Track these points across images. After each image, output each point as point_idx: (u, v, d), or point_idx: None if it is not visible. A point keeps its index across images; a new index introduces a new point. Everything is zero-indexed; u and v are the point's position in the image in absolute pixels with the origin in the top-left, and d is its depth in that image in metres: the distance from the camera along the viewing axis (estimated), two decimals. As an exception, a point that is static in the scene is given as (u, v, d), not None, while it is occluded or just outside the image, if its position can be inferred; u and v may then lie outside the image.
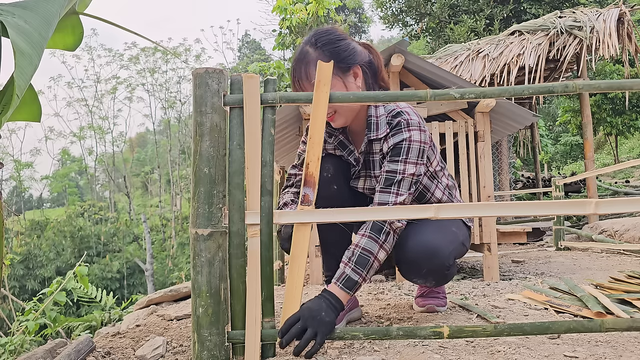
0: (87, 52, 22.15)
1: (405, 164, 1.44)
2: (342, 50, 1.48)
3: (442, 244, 1.45)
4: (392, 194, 1.43)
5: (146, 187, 28.14)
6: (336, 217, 1.26)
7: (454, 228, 1.56)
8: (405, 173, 1.44)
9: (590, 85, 1.27)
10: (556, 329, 1.19)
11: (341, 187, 1.59)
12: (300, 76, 1.46)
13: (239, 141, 1.25)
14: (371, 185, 1.60)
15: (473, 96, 1.27)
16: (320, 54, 1.46)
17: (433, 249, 1.42)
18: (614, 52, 5.72)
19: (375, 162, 1.56)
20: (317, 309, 1.25)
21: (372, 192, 1.59)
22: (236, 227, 1.22)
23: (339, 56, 1.47)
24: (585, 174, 4.70)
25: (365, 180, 1.61)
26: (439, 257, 1.43)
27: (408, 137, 1.46)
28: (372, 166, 1.57)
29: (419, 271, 1.46)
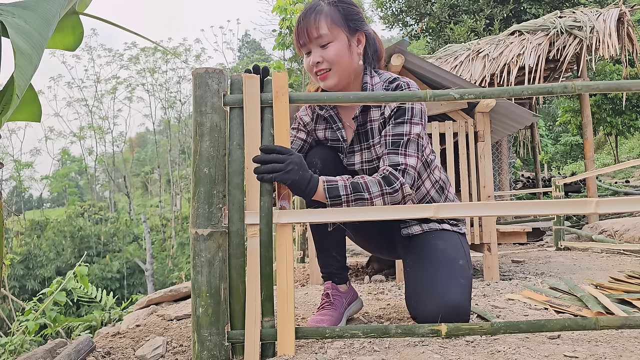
0: (87, 52, 22.17)
1: (410, 125, 1.43)
2: (353, 12, 1.50)
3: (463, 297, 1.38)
4: (400, 155, 1.40)
5: (146, 187, 28.15)
6: (336, 217, 1.26)
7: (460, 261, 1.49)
8: (411, 134, 1.42)
9: (589, 86, 1.27)
10: (552, 326, 1.19)
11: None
12: (309, 24, 1.44)
13: (239, 141, 1.25)
14: (369, 157, 1.54)
15: (473, 96, 1.27)
16: (333, 9, 1.46)
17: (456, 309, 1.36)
18: (614, 52, 5.72)
19: (374, 130, 1.52)
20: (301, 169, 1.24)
21: (370, 165, 1.54)
22: (236, 227, 1.22)
23: (350, 16, 1.48)
24: (585, 174, 4.70)
25: (362, 153, 1.56)
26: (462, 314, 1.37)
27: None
28: (372, 134, 1.53)
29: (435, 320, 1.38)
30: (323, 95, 1.32)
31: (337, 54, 1.45)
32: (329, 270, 1.65)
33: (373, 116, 1.52)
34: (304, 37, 1.46)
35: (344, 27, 1.46)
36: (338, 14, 1.46)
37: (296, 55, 8.28)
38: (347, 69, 1.48)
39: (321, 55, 1.45)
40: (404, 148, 1.41)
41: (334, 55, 1.44)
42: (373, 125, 1.53)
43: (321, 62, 1.46)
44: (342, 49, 1.46)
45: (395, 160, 1.39)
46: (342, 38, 1.46)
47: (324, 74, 1.47)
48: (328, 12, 1.45)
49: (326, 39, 1.44)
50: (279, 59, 10.75)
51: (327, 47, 1.45)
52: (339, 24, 1.46)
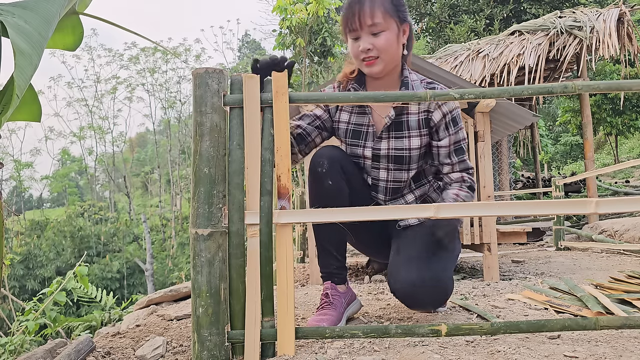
0: (87, 52, 22.15)
1: (463, 131, 1.59)
2: (402, 3, 1.54)
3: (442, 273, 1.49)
4: (467, 160, 1.59)
5: (146, 187, 28.14)
6: (336, 217, 1.26)
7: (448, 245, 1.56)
8: (465, 139, 1.60)
9: (590, 86, 1.27)
10: (552, 326, 1.19)
11: (337, 183, 1.54)
12: (363, 11, 1.46)
13: (239, 141, 1.25)
14: (399, 146, 1.59)
15: (473, 96, 1.27)
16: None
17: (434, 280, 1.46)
18: (614, 52, 5.72)
19: (411, 122, 1.58)
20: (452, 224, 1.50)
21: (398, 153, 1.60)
22: (236, 227, 1.22)
23: (400, 6, 1.52)
24: (585, 174, 4.70)
25: (390, 140, 1.60)
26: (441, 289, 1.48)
27: (454, 105, 1.57)
28: (408, 126, 1.58)
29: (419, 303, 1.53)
30: (323, 95, 1.32)
31: (388, 43, 1.49)
32: (329, 270, 1.65)
33: (411, 109, 1.58)
34: (356, 24, 1.48)
35: (395, 17, 1.50)
36: (390, 4, 1.49)
37: (296, 55, 8.28)
38: (393, 58, 1.53)
39: (372, 42, 1.48)
40: (464, 154, 1.59)
41: (385, 44, 1.48)
42: (410, 118, 1.58)
43: (371, 50, 1.48)
44: (393, 38, 1.50)
45: (467, 166, 1.59)
46: (393, 28, 1.50)
47: (371, 61, 1.50)
48: (381, 1, 1.48)
49: (379, 27, 1.48)
50: (279, 59, 10.73)
51: (378, 36, 1.48)
52: (392, 14, 1.49)
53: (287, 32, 8.02)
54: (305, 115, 1.66)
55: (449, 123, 1.56)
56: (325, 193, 1.52)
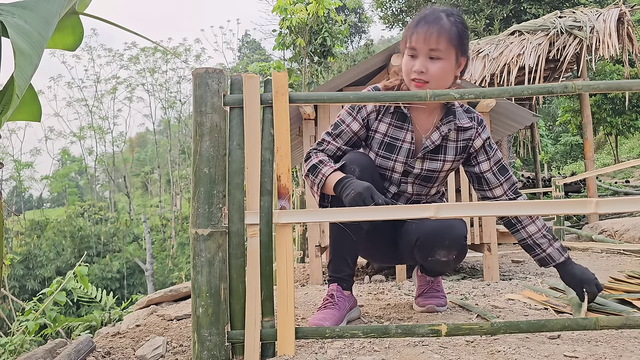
0: (87, 52, 22.18)
1: (499, 152, 1.67)
2: (466, 36, 1.55)
3: (456, 220, 1.58)
4: (512, 177, 1.65)
5: (146, 187, 28.14)
6: (335, 217, 1.26)
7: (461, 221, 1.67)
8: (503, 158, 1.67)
9: (590, 86, 1.27)
10: (552, 326, 1.19)
11: None
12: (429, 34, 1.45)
13: (239, 141, 1.25)
14: (433, 167, 1.63)
15: (473, 96, 1.27)
16: (453, 27, 1.49)
17: (450, 223, 1.55)
18: (614, 52, 5.72)
19: (449, 148, 1.63)
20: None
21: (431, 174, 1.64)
22: (236, 227, 1.22)
23: (464, 40, 1.53)
24: (585, 174, 4.70)
25: (425, 162, 1.63)
26: (457, 228, 1.55)
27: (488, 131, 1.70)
28: (445, 151, 1.63)
29: (442, 243, 1.54)
30: (323, 95, 1.32)
31: (442, 72, 1.48)
32: (339, 275, 1.65)
33: (451, 137, 1.62)
34: (419, 44, 1.47)
35: (457, 49, 1.50)
36: (457, 35, 1.48)
37: (296, 55, 8.28)
38: (442, 87, 1.52)
39: (427, 66, 1.47)
40: (508, 172, 1.65)
41: (439, 72, 1.48)
42: (449, 144, 1.63)
43: (424, 73, 1.47)
44: (448, 69, 1.50)
45: (513, 181, 1.65)
46: (451, 59, 1.49)
47: (421, 84, 1.49)
48: (449, 30, 1.47)
49: (439, 54, 1.47)
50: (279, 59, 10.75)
51: (435, 62, 1.47)
52: (455, 46, 1.48)
53: (287, 32, 8.02)
54: (342, 132, 1.61)
55: (487, 147, 1.63)
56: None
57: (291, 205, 1.26)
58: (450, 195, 2.92)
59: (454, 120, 1.59)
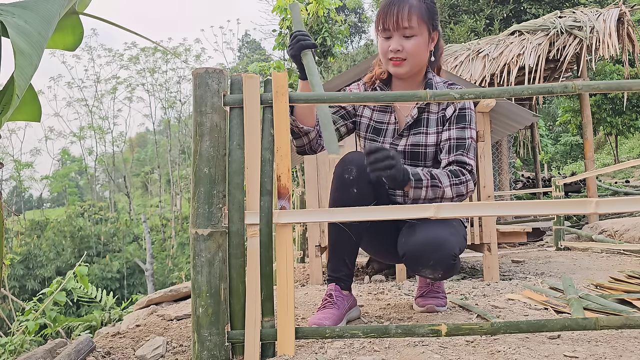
0: (87, 52, 22.18)
1: (470, 130, 1.59)
2: (435, 10, 1.59)
3: (447, 236, 1.49)
4: (465, 156, 1.55)
5: (146, 187, 28.14)
6: (336, 217, 1.26)
7: (454, 222, 1.61)
8: (472, 138, 1.58)
9: (590, 86, 1.27)
10: (552, 326, 1.19)
11: (363, 191, 1.53)
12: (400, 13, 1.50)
13: (239, 141, 1.25)
14: (415, 142, 1.63)
15: (473, 96, 1.27)
16: (422, 4, 1.54)
17: (439, 240, 1.46)
18: (614, 52, 5.72)
19: (430, 120, 1.62)
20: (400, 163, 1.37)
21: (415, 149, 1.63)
22: (236, 227, 1.22)
23: (434, 14, 1.57)
24: (585, 174, 4.70)
25: (409, 137, 1.64)
26: (446, 247, 1.45)
27: (469, 105, 1.60)
28: (427, 123, 1.63)
29: (427, 262, 1.47)
30: (323, 95, 1.31)
31: (417, 48, 1.54)
32: (338, 275, 1.65)
33: (431, 108, 1.63)
34: (392, 24, 1.51)
35: (429, 24, 1.55)
36: (426, 10, 1.54)
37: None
38: (419, 63, 1.58)
39: (402, 44, 1.53)
40: (467, 151, 1.56)
41: (415, 48, 1.53)
42: (430, 116, 1.63)
43: (400, 51, 1.53)
44: (423, 44, 1.55)
45: (462, 160, 1.55)
46: (424, 34, 1.55)
47: (398, 62, 1.55)
48: (418, 7, 1.52)
49: (412, 32, 1.52)
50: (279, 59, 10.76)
51: (410, 39, 1.53)
52: (426, 20, 1.54)
53: (287, 32, 8.02)
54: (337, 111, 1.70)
55: (456, 118, 1.59)
56: (350, 201, 1.51)
57: (291, 205, 1.26)
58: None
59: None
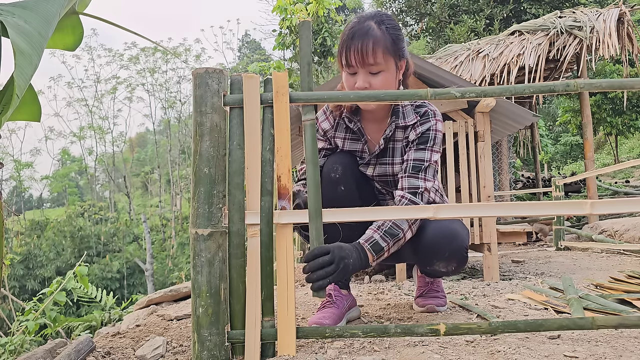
0: (87, 52, 22.18)
1: (431, 152, 1.52)
2: (401, 39, 1.51)
3: (459, 228, 1.50)
4: (420, 179, 1.50)
5: (146, 187, 28.14)
6: (335, 217, 1.26)
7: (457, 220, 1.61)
8: (431, 160, 1.51)
9: (592, 85, 1.26)
10: (549, 326, 1.19)
11: (349, 189, 1.56)
12: (364, 50, 1.41)
13: (239, 141, 1.25)
14: (383, 171, 1.60)
15: (474, 95, 1.26)
16: (386, 35, 1.45)
17: (452, 232, 1.46)
18: (614, 52, 5.72)
19: (396, 150, 1.58)
20: (348, 253, 1.30)
21: (383, 179, 1.61)
22: (236, 227, 1.22)
23: (400, 44, 1.49)
24: (585, 174, 4.70)
25: (376, 167, 1.61)
26: (458, 239, 1.46)
27: (434, 127, 1.53)
28: (392, 153, 1.59)
29: (441, 255, 1.48)
30: (323, 95, 1.31)
31: (385, 83, 1.46)
32: None
33: (397, 136, 1.58)
34: (357, 61, 1.43)
35: (395, 56, 1.47)
36: (391, 42, 1.45)
37: (296, 55, 8.28)
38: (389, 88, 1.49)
39: (369, 81, 1.45)
40: (423, 173, 1.50)
41: (382, 85, 1.45)
42: (396, 145, 1.59)
43: (368, 89, 1.45)
44: (390, 78, 1.48)
45: (415, 184, 1.49)
46: (392, 68, 1.47)
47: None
48: (382, 39, 1.43)
49: (379, 68, 1.44)
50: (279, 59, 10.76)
51: (377, 76, 1.45)
52: (391, 53, 1.45)
53: (287, 32, 8.02)
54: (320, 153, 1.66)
55: (417, 141, 1.53)
56: (338, 198, 1.53)
57: (291, 206, 1.26)
58: (450, 196, 2.92)
59: (396, 120, 1.55)
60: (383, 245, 1.38)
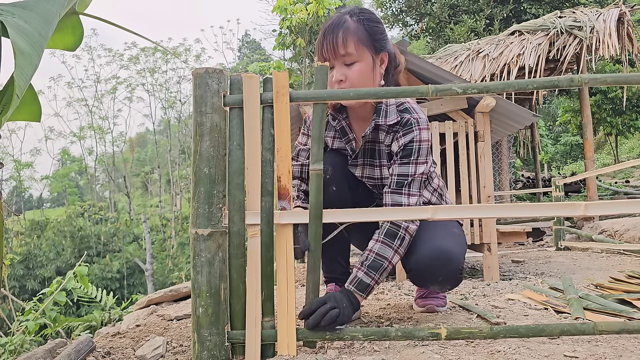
0: (87, 52, 22.14)
1: (415, 166, 1.44)
2: (379, 31, 1.47)
3: (453, 247, 1.43)
4: (404, 195, 1.43)
5: (146, 187, 28.13)
6: (335, 218, 1.26)
7: (455, 229, 1.56)
8: (415, 174, 1.44)
9: (596, 79, 1.24)
10: (551, 331, 1.19)
11: (341, 189, 1.56)
12: (336, 40, 1.40)
13: (239, 141, 1.25)
14: (372, 174, 1.57)
15: (476, 91, 1.25)
16: (359, 26, 1.43)
17: (447, 255, 1.40)
18: (614, 52, 5.72)
19: (381, 152, 1.54)
20: (341, 300, 1.29)
21: (372, 182, 1.58)
22: (236, 227, 1.22)
23: (376, 35, 1.46)
24: (585, 174, 4.70)
25: (365, 168, 1.58)
26: (453, 262, 1.41)
27: (418, 137, 1.45)
28: (378, 155, 1.55)
29: (435, 279, 1.44)
30: (323, 93, 1.31)
31: (361, 75, 1.43)
32: (333, 275, 1.65)
33: (381, 138, 1.53)
34: (329, 53, 1.42)
35: (370, 47, 1.44)
36: (365, 33, 1.43)
37: (296, 55, 8.28)
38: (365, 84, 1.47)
39: (344, 73, 1.43)
40: (407, 188, 1.43)
41: (358, 76, 1.43)
42: (381, 147, 1.54)
43: (344, 81, 1.43)
44: (367, 69, 1.44)
45: (398, 201, 1.42)
46: (367, 59, 1.44)
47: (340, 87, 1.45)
48: (355, 31, 1.42)
49: (352, 58, 1.42)
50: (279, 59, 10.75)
51: (351, 67, 1.43)
52: (365, 44, 1.43)
53: (287, 32, 8.02)
54: (301, 150, 1.64)
55: (400, 154, 1.46)
56: (328, 198, 1.51)
57: (291, 206, 1.26)
58: (450, 196, 2.91)
59: (377, 118, 1.49)
60: (368, 282, 1.36)
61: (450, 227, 1.53)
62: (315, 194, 1.24)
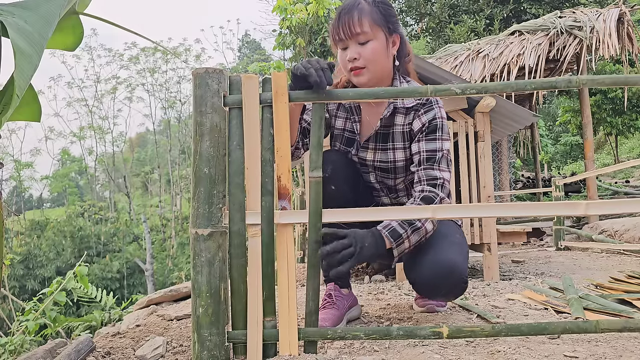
0: (87, 52, 22.15)
1: (441, 141, 1.48)
2: (392, 14, 1.53)
3: (456, 258, 1.41)
4: (436, 170, 1.45)
5: (146, 187, 28.11)
6: (334, 218, 1.26)
7: (457, 235, 1.53)
8: (443, 150, 1.47)
9: (594, 80, 1.25)
10: (553, 329, 1.19)
11: (340, 188, 1.55)
12: (351, 20, 1.45)
13: (239, 141, 1.25)
14: (384, 157, 1.57)
15: (475, 91, 1.25)
16: (374, 8, 1.48)
17: (450, 268, 1.38)
18: (614, 52, 5.72)
19: (396, 135, 1.55)
20: (364, 238, 1.28)
21: (384, 165, 1.58)
22: (237, 227, 1.22)
23: (390, 17, 1.51)
24: (585, 174, 4.70)
25: (377, 152, 1.58)
26: (457, 274, 1.39)
27: (440, 115, 1.50)
28: (392, 138, 1.56)
29: (439, 291, 1.43)
30: (322, 93, 1.31)
31: (375, 53, 1.47)
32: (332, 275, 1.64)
33: (397, 121, 1.55)
34: (344, 33, 1.46)
35: (384, 28, 1.49)
36: (379, 14, 1.48)
37: (296, 55, 8.28)
38: (381, 69, 1.51)
39: (359, 52, 1.47)
40: (438, 164, 1.46)
41: (372, 54, 1.47)
42: (395, 129, 1.56)
43: (358, 59, 1.47)
44: (380, 48, 1.48)
45: (433, 175, 1.45)
46: (381, 38, 1.48)
47: (358, 71, 1.49)
48: (369, 11, 1.47)
49: (366, 37, 1.46)
50: (279, 59, 10.75)
51: (365, 45, 1.47)
52: (380, 24, 1.48)
53: (287, 32, 8.02)
54: (308, 109, 1.63)
55: (426, 131, 1.49)
56: (328, 198, 1.51)
57: (292, 206, 1.26)
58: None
59: (395, 102, 1.52)
60: (401, 232, 1.33)
61: (451, 235, 1.51)
62: (315, 201, 1.24)
